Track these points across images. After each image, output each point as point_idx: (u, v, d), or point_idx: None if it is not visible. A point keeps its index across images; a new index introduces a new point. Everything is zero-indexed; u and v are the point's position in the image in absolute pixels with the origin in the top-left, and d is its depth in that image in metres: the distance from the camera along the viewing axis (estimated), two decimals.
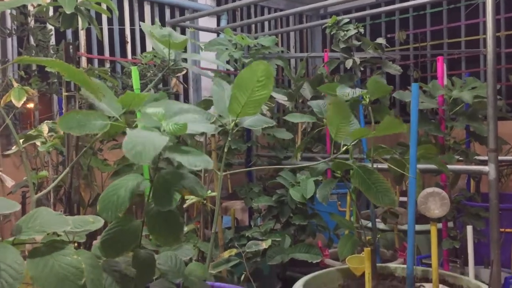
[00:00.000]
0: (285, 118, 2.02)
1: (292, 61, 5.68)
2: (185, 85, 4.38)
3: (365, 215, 3.33)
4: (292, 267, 2.79)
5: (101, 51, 4.30)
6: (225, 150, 1.58)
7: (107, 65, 4.26)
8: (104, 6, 2.05)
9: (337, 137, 1.64)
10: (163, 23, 3.73)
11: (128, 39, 4.42)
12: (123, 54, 4.40)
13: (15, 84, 2.44)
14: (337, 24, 2.88)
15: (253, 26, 5.34)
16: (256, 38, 3.25)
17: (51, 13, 3.33)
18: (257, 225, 2.77)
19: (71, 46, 2.00)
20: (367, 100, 2.13)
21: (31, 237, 1.05)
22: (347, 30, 2.82)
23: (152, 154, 1.04)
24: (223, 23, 4.90)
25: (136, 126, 1.60)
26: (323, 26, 2.99)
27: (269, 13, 5.53)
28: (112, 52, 4.36)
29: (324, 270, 2.32)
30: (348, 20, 2.89)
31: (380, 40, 2.85)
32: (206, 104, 3.12)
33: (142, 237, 1.29)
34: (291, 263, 2.60)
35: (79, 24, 2.00)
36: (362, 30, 2.84)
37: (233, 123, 1.55)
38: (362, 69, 2.80)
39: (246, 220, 3.60)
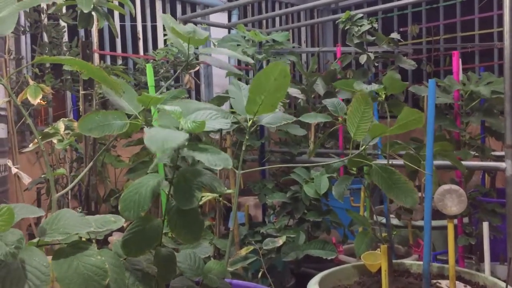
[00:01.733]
0: (300, 119, 2.01)
1: (303, 56, 5.66)
2: (198, 81, 4.38)
3: (378, 211, 3.32)
4: (306, 263, 2.79)
5: (113, 47, 4.31)
6: (243, 148, 1.58)
7: (119, 61, 4.28)
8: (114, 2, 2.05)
9: (357, 135, 1.63)
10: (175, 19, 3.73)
11: (140, 35, 4.43)
12: (135, 50, 4.41)
13: (31, 82, 2.46)
14: (351, 19, 2.86)
15: (264, 21, 5.32)
16: (268, 34, 3.24)
17: (63, 10, 3.35)
18: (271, 222, 2.77)
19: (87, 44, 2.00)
20: (383, 96, 2.12)
21: (55, 239, 1.06)
22: (360, 25, 2.80)
23: (174, 144, 1.04)
24: (234, 18, 4.89)
25: (155, 123, 1.60)
26: (337, 22, 2.97)
27: (280, 8, 5.50)
28: (124, 49, 4.37)
29: (339, 267, 2.32)
30: (362, 15, 2.87)
31: (394, 35, 2.83)
32: (219, 100, 3.12)
33: (162, 235, 1.30)
34: (305, 259, 2.60)
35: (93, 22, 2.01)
36: (376, 25, 2.82)
37: (251, 121, 1.55)
38: (376, 64, 2.78)
39: (259, 216, 3.60)
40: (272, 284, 2.09)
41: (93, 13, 1.92)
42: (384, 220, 2.52)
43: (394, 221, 3.00)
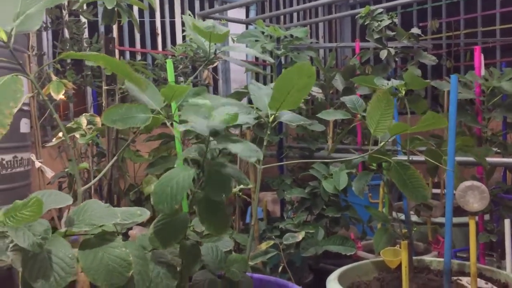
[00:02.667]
0: (319, 115, 2.01)
1: (321, 51, 5.63)
2: (217, 77, 4.39)
3: (396, 207, 3.31)
4: (323, 259, 2.79)
5: (132, 43, 4.35)
6: (265, 143, 1.59)
7: (138, 57, 4.31)
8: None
9: (376, 132, 1.62)
10: (193, 15, 3.75)
11: (159, 31, 4.45)
12: (154, 46, 4.44)
13: (54, 78, 2.50)
14: (370, 14, 2.84)
15: (281, 16, 5.31)
16: (287, 29, 3.23)
17: (84, 6, 3.39)
18: (289, 217, 2.78)
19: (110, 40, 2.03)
20: (403, 92, 2.11)
21: (82, 230, 1.08)
22: (380, 20, 2.78)
23: (207, 130, 1.05)
24: (252, 14, 4.89)
25: (176, 118, 1.62)
26: (357, 17, 2.95)
27: (297, 3, 5.48)
28: (143, 44, 4.40)
29: (358, 263, 2.32)
30: (382, 10, 2.85)
31: (415, 30, 2.80)
32: (238, 95, 3.13)
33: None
34: (323, 255, 2.60)
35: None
36: (396, 20, 2.80)
37: (273, 117, 1.56)
38: (396, 59, 2.76)
39: (277, 211, 3.61)
40: (292, 278, 2.10)
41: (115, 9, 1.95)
42: (403, 217, 2.51)
43: (413, 217, 2.98)
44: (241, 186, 2.20)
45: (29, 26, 1.38)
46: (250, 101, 3.94)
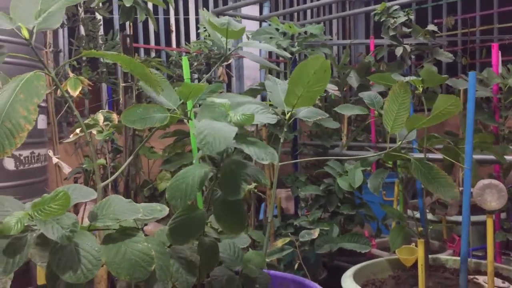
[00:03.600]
0: (336, 109, 2.01)
1: (335, 48, 5.61)
2: (231, 74, 4.40)
3: (411, 205, 3.29)
4: (338, 256, 2.79)
5: (146, 40, 4.37)
6: (281, 140, 1.59)
7: (153, 54, 4.33)
8: None
9: (394, 129, 1.62)
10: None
11: (173, 28, 4.47)
12: (168, 43, 4.46)
13: (71, 74, 2.52)
14: (386, 11, 2.83)
15: (295, 13, 5.30)
16: (302, 26, 3.23)
17: (100, 3, 3.41)
18: (303, 214, 2.78)
19: (128, 38, 2.04)
20: (420, 89, 2.09)
21: (105, 224, 1.10)
22: (396, 17, 2.76)
23: (223, 145, 1.06)
24: (266, 10, 4.88)
25: (192, 117, 1.63)
26: (372, 14, 2.94)
27: (311, 0, 5.46)
28: (157, 41, 4.42)
29: (373, 260, 2.31)
30: (398, 6, 2.83)
31: (431, 27, 2.78)
32: (252, 93, 3.13)
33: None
34: (337, 252, 2.60)
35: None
36: (412, 17, 2.78)
37: (289, 114, 1.56)
38: (413, 57, 2.74)
39: (290, 208, 3.62)
40: (308, 275, 2.10)
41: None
42: (417, 215, 2.50)
43: (428, 215, 2.97)
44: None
45: (50, 24, 1.40)
46: (263, 99, 3.95)
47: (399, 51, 2.68)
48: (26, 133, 1.16)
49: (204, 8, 3.36)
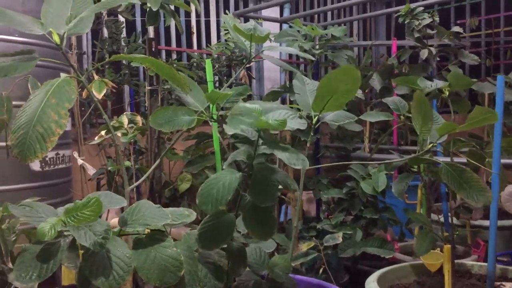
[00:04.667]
0: (361, 117, 2.00)
1: (355, 50, 5.56)
2: (253, 76, 4.40)
3: (433, 209, 3.25)
4: (359, 259, 2.77)
5: (168, 42, 4.40)
6: (308, 145, 1.58)
7: (174, 56, 4.36)
8: None
9: (422, 134, 1.60)
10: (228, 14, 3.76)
11: (194, 30, 4.49)
12: (189, 45, 4.48)
13: (96, 77, 2.55)
14: (411, 13, 2.79)
15: (315, 15, 5.27)
16: (324, 27, 3.21)
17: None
18: (326, 217, 2.76)
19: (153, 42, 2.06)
20: (447, 93, 2.07)
21: (136, 230, 1.11)
22: (421, 19, 2.73)
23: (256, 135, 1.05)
24: (286, 12, 4.87)
25: (217, 119, 1.63)
26: (396, 15, 2.91)
27: (332, 1, 5.44)
28: (178, 43, 4.45)
29: (397, 265, 2.29)
30: (422, 8, 2.80)
31: (457, 29, 2.74)
32: (274, 95, 3.13)
33: None
34: (359, 256, 2.58)
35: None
36: (437, 19, 2.75)
37: (316, 118, 1.55)
38: (438, 59, 2.70)
39: (311, 211, 3.60)
40: (333, 280, 2.09)
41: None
42: (441, 219, 2.46)
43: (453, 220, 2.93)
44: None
45: (80, 29, 1.41)
46: (283, 101, 3.92)
47: (424, 53, 2.65)
48: (57, 138, 1.17)
49: (227, 11, 3.37)
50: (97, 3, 1.39)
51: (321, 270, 2.17)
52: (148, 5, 1.90)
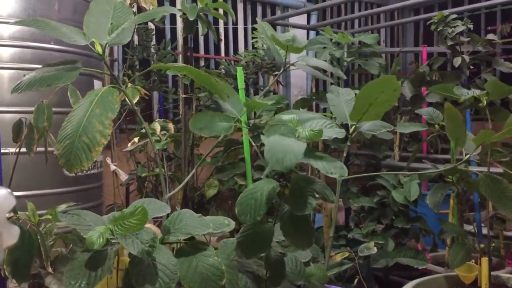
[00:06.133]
0: (396, 129, 1.99)
1: (382, 56, 5.52)
2: (281, 83, 4.41)
3: (465, 219, 3.19)
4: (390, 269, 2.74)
5: (196, 49, 4.43)
6: (344, 154, 1.58)
7: (202, 62, 4.39)
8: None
9: (458, 145, 1.58)
10: (256, 21, 3.78)
11: (222, 37, 4.52)
12: (217, 52, 4.51)
13: (129, 84, 2.59)
14: (443, 20, 2.76)
15: (342, 22, 5.25)
16: (353, 35, 3.19)
17: None
18: (356, 226, 2.74)
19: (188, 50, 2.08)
20: (484, 102, 2.03)
21: (178, 239, 1.12)
22: (454, 26, 2.69)
23: (293, 161, 1.06)
24: (313, 19, 4.87)
25: (257, 128, 1.64)
26: (428, 23, 2.88)
27: (359, 8, 5.41)
28: (206, 50, 4.48)
29: (431, 276, 2.25)
30: (456, 15, 2.76)
31: (491, 36, 2.70)
32: (303, 103, 3.13)
33: None
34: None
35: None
36: (471, 26, 2.70)
37: (353, 127, 1.55)
38: (472, 67, 2.66)
39: (340, 219, 3.57)
40: None
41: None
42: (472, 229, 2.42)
43: (484, 230, 2.87)
44: None
45: (120, 39, 1.44)
46: (309, 108, 3.91)
47: (457, 61, 2.61)
48: (101, 148, 1.20)
49: (256, 18, 3.38)
50: (138, 14, 1.41)
51: (355, 280, 2.14)
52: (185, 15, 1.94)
